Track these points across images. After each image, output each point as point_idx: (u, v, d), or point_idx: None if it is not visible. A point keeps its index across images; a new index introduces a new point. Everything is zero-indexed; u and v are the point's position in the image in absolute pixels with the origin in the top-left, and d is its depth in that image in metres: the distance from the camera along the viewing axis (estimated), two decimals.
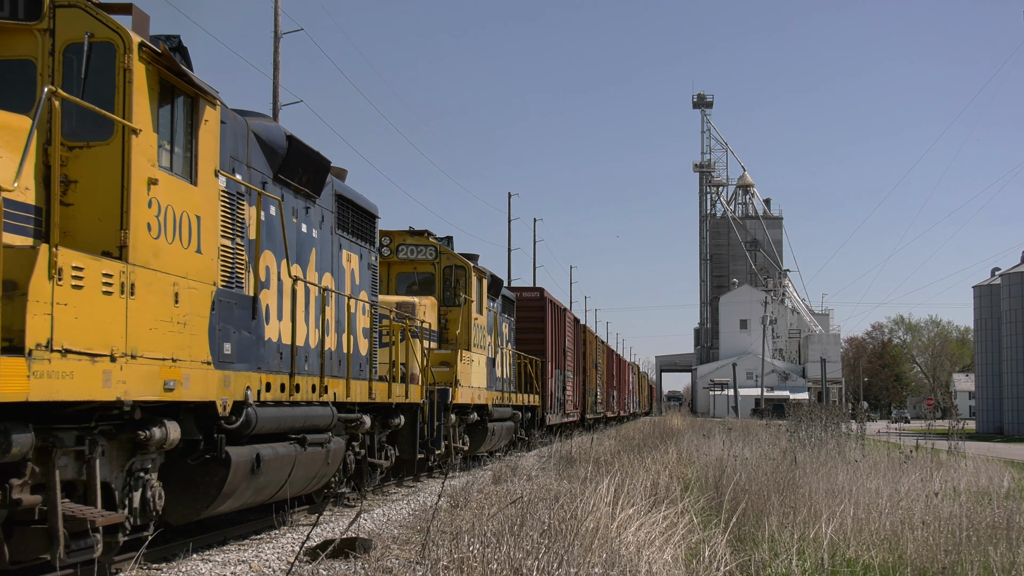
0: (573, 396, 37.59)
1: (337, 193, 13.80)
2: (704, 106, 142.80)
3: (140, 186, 8.11)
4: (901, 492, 12.75)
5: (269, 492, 10.99)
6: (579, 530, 8.44)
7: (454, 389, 18.73)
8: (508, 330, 26.64)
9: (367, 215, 15.15)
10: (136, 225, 8.02)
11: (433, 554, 7.66)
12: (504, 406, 24.35)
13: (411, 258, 20.83)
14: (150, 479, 8.73)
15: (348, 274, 14.17)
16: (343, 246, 13.97)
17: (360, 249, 14.74)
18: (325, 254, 13.24)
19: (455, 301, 20.84)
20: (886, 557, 9.17)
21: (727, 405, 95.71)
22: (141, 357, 7.92)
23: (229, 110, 10.36)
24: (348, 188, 14.41)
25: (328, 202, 13.44)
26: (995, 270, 61.61)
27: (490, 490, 14.83)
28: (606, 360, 50.98)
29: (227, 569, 9.21)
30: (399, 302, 18.03)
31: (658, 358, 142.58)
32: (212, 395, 9.27)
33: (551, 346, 32.60)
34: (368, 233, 15.20)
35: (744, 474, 14.08)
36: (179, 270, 8.68)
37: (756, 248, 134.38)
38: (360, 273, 14.70)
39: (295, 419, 11.38)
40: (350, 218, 14.31)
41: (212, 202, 9.49)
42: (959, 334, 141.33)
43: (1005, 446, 38.75)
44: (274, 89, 30.44)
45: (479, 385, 21.73)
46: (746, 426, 37.07)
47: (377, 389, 14.47)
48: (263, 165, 11.33)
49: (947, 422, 34.29)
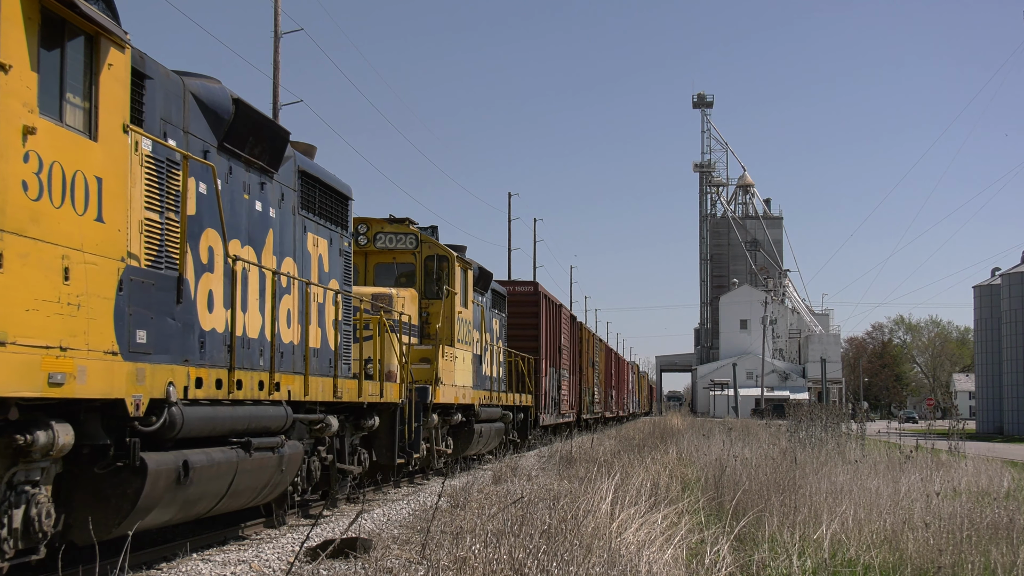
0: (569, 396, 36.15)
1: (300, 169, 12.41)
2: (704, 106, 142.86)
3: (13, 134, 6.61)
4: (901, 492, 12.75)
5: (205, 504, 9.52)
6: (579, 530, 8.44)
7: (435, 387, 17.38)
8: (499, 326, 25.06)
9: (338, 196, 13.80)
10: (6, 183, 6.53)
11: (434, 554, 7.65)
12: (493, 406, 22.72)
13: (390, 247, 19.22)
14: (36, 493, 7.25)
15: (315, 260, 12.87)
16: (308, 229, 12.65)
17: (330, 233, 13.43)
18: (286, 237, 11.92)
19: (437, 293, 19.23)
20: (886, 557, 9.16)
21: (727, 405, 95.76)
22: (13, 344, 6.50)
23: (159, 65, 9.14)
24: (314, 165, 13.07)
25: (289, 179, 12.07)
26: (995, 270, 61.62)
27: (490, 490, 14.83)
28: (604, 359, 49.91)
29: (227, 569, 9.20)
30: (376, 293, 16.76)
31: (658, 358, 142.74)
32: (119, 391, 7.74)
33: (546, 343, 31.14)
34: (340, 216, 13.85)
35: (744, 474, 14.08)
36: (71, 241, 7.15)
37: (756, 248, 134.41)
38: (330, 259, 13.41)
39: (236, 420, 9.82)
40: (317, 198, 12.97)
41: (120, 163, 7.89)
42: (959, 334, 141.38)
43: (1005, 446, 38.75)
44: (274, 89, 30.44)
45: (464, 384, 20.29)
46: (746, 426, 37.06)
47: (345, 387, 12.84)
48: (204, 131, 9.98)
49: (947, 422, 34.33)
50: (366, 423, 14.22)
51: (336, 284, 13.62)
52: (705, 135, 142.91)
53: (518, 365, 27.24)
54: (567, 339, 35.79)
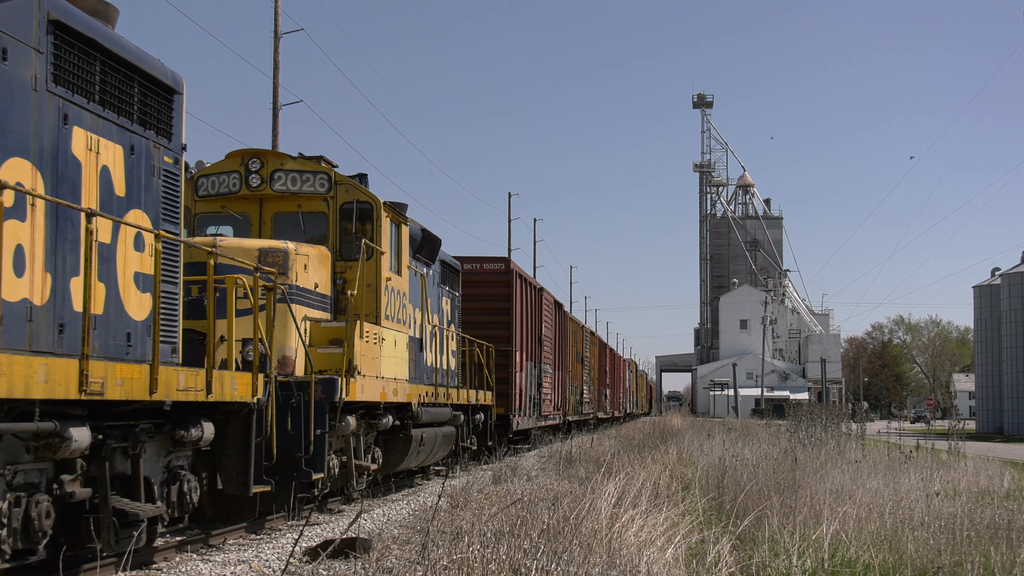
0: (552, 394, 31.82)
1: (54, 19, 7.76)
2: (704, 106, 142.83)
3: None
4: (901, 492, 12.75)
5: None
6: (579, 530, 8.44)
7: (347, 379, 12.76)
8: (451, 307, 20.34)
9: (146, 81, 9.02)
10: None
11: (433, 554, 7.65)
12: (440, 405, 17.84)
13: (292, 190, 14.53)
14: None
15: (88, 175, 8.22)
16: (71, 119, 8.01)
17: (129, 137, 8.78)
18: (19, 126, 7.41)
19: (356, 253, 14.24)
20: (886, 557, 9.17)
21: (727, 405, 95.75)
22: None
23: None
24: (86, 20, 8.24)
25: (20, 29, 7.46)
26: (995, 270, 61.61)
27: (490, 490, 14.84)
28: (598, 355, 46.03)
29: (227, 569, 9.21)
30: (263, 248, 12.89)
31: (658, 358, 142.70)
32: None
33: (521, 332, 26.40)
34: (154, 113, 9.20)
35: (745, 474, 14.08)
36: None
37: (756, 248, 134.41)
38: (127, 176, 8.75)
39: None
40: (97, 76, 8.34)
41: None
42: (959, 334, 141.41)
43: (1005, 446, 38.75)
44: (274, 89, 30.46)
45: (397, 375, 15.25)
46: (746, 426, 37.07)
47: (104, 376, 7.72)
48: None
49: (947, 422, 34.34)
50: (186, 435, 9.38)
51: (142, 219, 8.95)
52: (705, 135, 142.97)
53: (477, 355, 21.98)
54: (551, 330, 31.58)
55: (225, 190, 14.67)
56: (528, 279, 28.32)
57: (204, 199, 14.75)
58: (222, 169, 14.78)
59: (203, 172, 14.83)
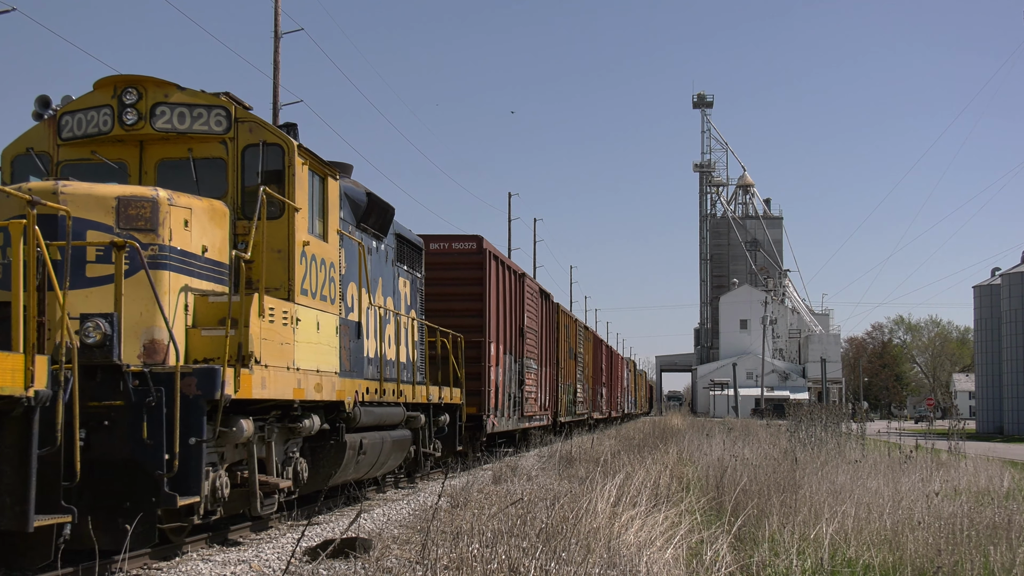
0: (538, 393, 28.66)
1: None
2: (704, 106, 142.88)
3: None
4: (901, 492, 12.76)
5: None
6: (579, 530, 8.44)
7: (237, 370, 9.63)
8: (412, 291, 16.48)
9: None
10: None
11: (433, 554, 7.65)
12: (387, 404, 14.72)
13: (180, 129, 11.19)
14: None
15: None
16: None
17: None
18: None
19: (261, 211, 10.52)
20: (886, 557, 9.17)
21: (727, 405, 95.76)
22: None
23: None
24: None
25: None
26: (995, 270, 61.61)
27: (490, 490, 14.84)
28: (593, 351, 43.14)
29: (227, 569, 9.21)
30: (122, 196, 9.68)
31: (658, 358, 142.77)
32: None
33: (497, 322, 23.15)
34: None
35: (745, 474, 14.08)
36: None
37: (756, 248, 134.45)
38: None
39: None
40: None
41: None
42: (959, 334, 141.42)
43: (1005, 446, 38.75)
44: (274, 89, 30.46)
45: (320, 367, 11.94)
46: (746, 426, 37.08)
47: None
48: None
49: (947, 422, 34.36)
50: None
51: None
52: (705, 135, 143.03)
53: (442, 346, 18.45)
54: (535, 321, 28.45)
55: (95, 130, 11.25)
56: (506, 262, 24.86)
57: (69, 143, 11.42)
58: (91, 104, 11.33)
59: (68, 108, 11.44)
